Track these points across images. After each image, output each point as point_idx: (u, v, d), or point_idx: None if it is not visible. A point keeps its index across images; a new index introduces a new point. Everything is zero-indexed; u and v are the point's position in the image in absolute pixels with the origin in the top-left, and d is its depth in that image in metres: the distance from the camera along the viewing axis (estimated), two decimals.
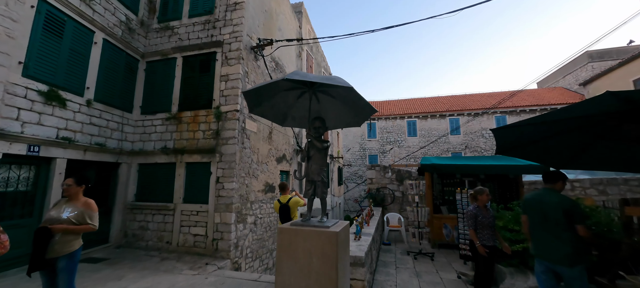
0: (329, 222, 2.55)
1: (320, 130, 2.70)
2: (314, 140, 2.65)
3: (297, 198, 4.43)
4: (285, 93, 2.90)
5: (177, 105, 6.94)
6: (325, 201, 2.68)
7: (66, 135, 5.34)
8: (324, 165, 2.66)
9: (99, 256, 5.58)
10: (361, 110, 2.82)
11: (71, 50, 5.52)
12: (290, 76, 2.20)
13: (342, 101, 2.87)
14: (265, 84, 2.53)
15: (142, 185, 6.78)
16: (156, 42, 7.57)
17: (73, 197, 2.86)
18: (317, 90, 2.78)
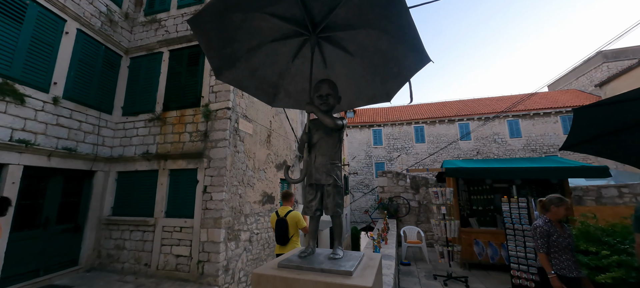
0: (347, 258, 1.48)
1: (330, 100, 1.74)
2: (320, 115, 1.68)
3: (296, 214, 3.48)
4: (273, 47, 1.94)
5: (162, 104, 6.09)
6: (340, 220, 1.67)
7: (23, 137, 4.47)
8: (336, 159, 1.69)
9: (63, 283, 4.61)
10: (400, 68, 1.84)
11: (34, 38, 4.71)
12: None
13: (365, 57, 1.92)
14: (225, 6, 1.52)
15: (120, 196, 5.85)
16: (142, 36, 6.80)
17: None
18: (325, 36, 1.82)
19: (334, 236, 1.61)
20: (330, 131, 1.70)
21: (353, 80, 2.18)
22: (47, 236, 4.77)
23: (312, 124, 1.76)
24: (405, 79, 2.00)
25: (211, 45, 1.76)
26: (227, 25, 1.67)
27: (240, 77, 2.10)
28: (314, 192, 1.63)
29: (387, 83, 2.11)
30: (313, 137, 1.71)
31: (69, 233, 5.17)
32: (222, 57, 1.89)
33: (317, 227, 1.70)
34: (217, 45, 1.79)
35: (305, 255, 1.54)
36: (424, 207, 8.20)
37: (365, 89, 2.25)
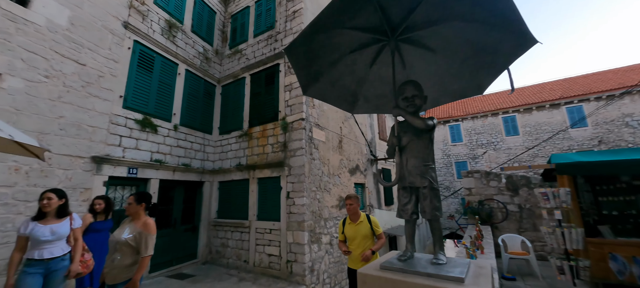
0: (452, 265, 1.40)
1: (416, 100, 1.70)
2: (409, 117, 1.65)
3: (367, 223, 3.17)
4: (351, 57, 2.02)
5: (248, 121, 7.02)
6: (438, 224, 1.59)
7: (158, 158, 5.87)
8: (429, 160, 1.62)
9: (187, 272, 5.76)
10: (495, 56, 1.67)
11: (160, 82, 6.17)
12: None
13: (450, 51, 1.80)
14: (313, 26, 1.64)
15: (222, 202, 6.98)
16: (229, 66, 8.03)
17: (134, 216, 2.65)
18: (404, 39, 1.79)
19: (434, 241, 1.54)
20: (420, 132, 1.65)
21: (436, 77, 2.06)
22: (176, 234, 6.08)
23: (400, 126, 1.75)
24: (502, 67, 1.79)
25: (300, 65, 1.96)
26: (313, 46, 1.83)
27: (323, 89, 2.26)
28: (408, 195, 1.61)
29: (477, 74, 1.93)
30: (402, 139, 1.69)
31: (189, 232, 6.46)
32: (308, 74, 2.07)
33: (414, 230, 1.66)
34: (305, 64, 1.98)
35: (405, 259, 1.52)
36: (527, 211, 6.88)
37: (451, 85, 2.10)
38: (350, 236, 3.01)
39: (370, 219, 3.03)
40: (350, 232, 3.01)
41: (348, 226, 3.06)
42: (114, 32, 5.38)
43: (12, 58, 3.93)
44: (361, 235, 2.94)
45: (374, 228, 2.99)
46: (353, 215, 3.05)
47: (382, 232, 3.03)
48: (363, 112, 2.52)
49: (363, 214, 3.06)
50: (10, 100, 3.84)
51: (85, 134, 4.65)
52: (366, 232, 2.95)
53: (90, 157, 4.63)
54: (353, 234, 2.98)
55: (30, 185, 3.90)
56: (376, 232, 3.00)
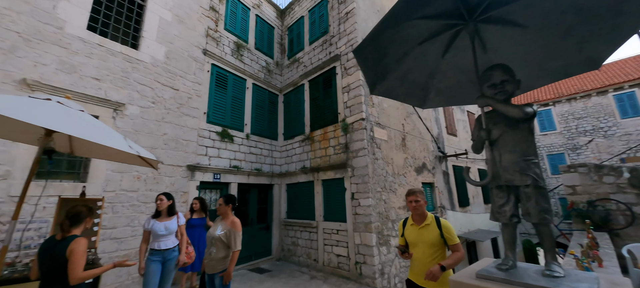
0: (574, 279, 1.16)
1: (507, 86, 1.48)
2: (500, 106, 1.45)
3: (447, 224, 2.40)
4: (421, 49, 1.88)
5: (309, 125, 7.31)
6: (548, 229, 1.33)
7: (235, 164, 6.62)
8: (530, 154, 1.38)
9: (264, 267, 6.32)
10: (617, 20, 1.34)
11: (233, 97, 6.98)
12: None
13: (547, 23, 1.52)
14: (384, 22, 1.55)
15: (290, 203, 7.43)
16: (288, 75, 8.54)
17: (224, 216, 3.03)
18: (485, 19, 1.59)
19: (545, 249, 1.30)
20: (514, 123, 1.43)
21: (529, 57, 1.77)
22: (253, 232, 6.74)
23: (488, 117, 1.55)
24: (630, 30, 1.42)
25: (368, 65, 1.94)
26: (380, 43, 1.79)
27: (391, 86, 2.18)
28: (505, 195, 1.40)
29: (589, 46, 1.58)
30: (492, 132, 1.50)
31: (264, 230, 7.08)
32: (376, 73, 2.03)
33: (515, 236, 1.44)
34: (373, 64, 1.95)
35: (506, 268, 1.33)
36: None
37: (549, 63, 1.77)
38: (411, 241, 2.35)
39: (440, 223, 2.29)
40: (411, 235, 2.35)
41: (409, 228, 2.40)
42: (197, 59, 6.33)
43: (130, 91, 5.02)
44: (425, 241, 2.25)
45: (446, 236, 2.23)
46: (418, 216, 2.36)
47: (458, 243, 2.23)
48: (435, 105, 2.33)
49: (431, 216, 2.37)
50: (131, 123, 4.90)
51: (181, 146, 5.59)
52: (433, 238, 2.23)
53: (186, 166, 5.55)
54: (415, 239, 2.31)
55: (147, 190, 4.89)
56: (449, 241, 2.23)
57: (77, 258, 1.98)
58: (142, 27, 5.48)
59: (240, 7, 7.92)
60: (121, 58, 4.98)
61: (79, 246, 2.02)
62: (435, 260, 2.18)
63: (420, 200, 2.35)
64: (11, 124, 2.56)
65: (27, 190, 2.55)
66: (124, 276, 4.38)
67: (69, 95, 3.12)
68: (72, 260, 1.96)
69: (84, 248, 2.07)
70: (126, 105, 4.86)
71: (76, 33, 4.49)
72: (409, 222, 2.45)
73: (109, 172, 4.46)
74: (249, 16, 8.16)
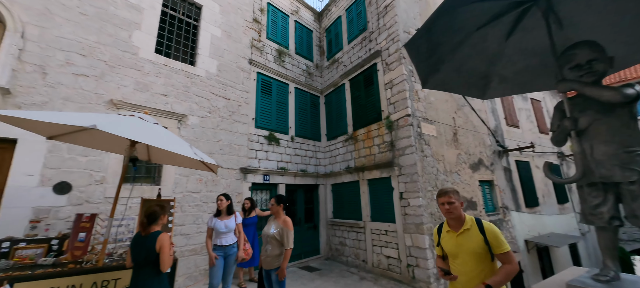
0: None
1: (596, 65, 1.25)
2: (588, 90, 1.24)
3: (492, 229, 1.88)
4: (480, 34, 1.71)
5: (351, 125, 7.25)
6: None
7: (282, 166, 6.91)
8: (635, 144, 1.15)
9: (314, 265, 6.45)
10: None
11: (277, 102, 7.30)
12: None
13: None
14: (439, 10, 1.43)
15: (336, 203, 7.46)
16: (328, 76, 8.60)
17: (276, 215, 3.19)
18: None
19: None
20: (609, 108, 1.20)
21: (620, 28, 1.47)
22: (301, 231, 6.94)
23: (573, 103, 1.34)
24: None
25: (420, 58, 1.84)
26: (433, 33, 1.68)
27: (446, 79, 2.03)
28: (602, 194, 1.19)
29: None
30: (579, 120, 1.28)
31: (311, 230, 7.24)
32: (428, 65, 1.91)
33: (616, 242, 1.21)
34: (425, 56, 1.84)
35: (607, 279, 1.12)
36: None
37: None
38: (450, 251, 1.93)
39: (483, 227, 1.84)
40: (449, 244, 1.94)
41: (446, 236, 1.98)
42: (244, 69, 6.79)
43: (191, 103, 5.61)
44: (467, 251, 1.83)
45: (492, 243, 1.77)
46: (453, 220, 1.93)
47: (508, 251, 1.74)
48: (499, 95, 2.11)
49: (470, 218, 1.92)
50: (192, 132, 5.47)
51: (234, 151, 6.04)
52: (476, 246, 1.80)
53: (239, 169, 5.98)
54: (454, 248, 1.90)
55: (208, 191, 5.41)
56: (496, 248, 1.76)
57: (167, 251, 2.34)
58: (197, 45, 6.08)
59: (280, 15, 8.25)
60: (182, 75, 5.60)
61: (166, 241, 2.36)
62: (482, 275, 1.75)
63: (454, 201, 1.89)
64: (106, 137, 3.06)
65: (119, 192, 3.03)
66: (192, 267, 4.90)
67: (147, 111, 3.61)
68: (164, 253, 2.32)
69: (169, 241, 2.43)
70: (188, 116, 5.45)
71: (147, 56, 5.19)
72: (445, 228, 2.02)
73: (177, 176, 5.05)
74: (288, 23, 8.45)
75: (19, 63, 3.90)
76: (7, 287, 2.31)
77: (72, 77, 4.30)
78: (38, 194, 3.72)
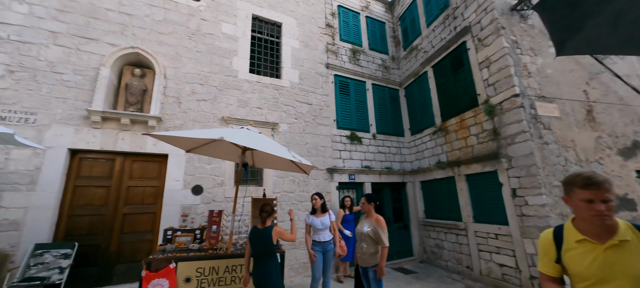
0: None
1: None
2: None
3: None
4: None
5: (439, 115, 6.56)
6: None
7: (366, 164, 6.86)
8: None
9: (408, 268, 6.11)
10: None
11: (356, 101, 7.31)
12: None
13: None
14: None
15: (428, 201, 6.88)
16: (407, 67, 8.07)
17: (368, 214, 3.20)
18: None
19: None
20: None
21: None
22: (391, 231, 6.62)
23: None
24: None
25: (555, 18, 1.48)
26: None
27: (592, 37, 1.57)
28: None
29: None
30: None
31: (401, 230, 6.89)
32: (566, 25, 1.51)
33: None
34: (561, 14, 1.47)
35: None
36: None
37: None
38: (588, 273, 1.25)
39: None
40: (586, 262, 1.27)
41: (578, 248, 1.30)
42: (322, 74, 7.09)
43: (280, 112, 6.22)
44: (626, 274, 1.18)
45: None
46: (601, 227, 1.26)
47: None
48: None
49: (626, 225, 1.27)
50: (283, 138, 6.05)
51: (320, 152, 6.36)
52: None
53: (326, 169, 6.26)
54: (599, 269, 1.23)
55: (300, 191, 5.87)
56: None
57: (284, 232, 2.86)
58: (281, 59, 6.72)
59: (351, 14, 8.26)
60: (271, 88, 6.28)
61: (280, 228, 2.82)
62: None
63: (611, 198, 1.22)
64: (225, 147, 3.71)
65: (237, 192, 3.60)
66: (293, 260, 5.40)
67: (251, 123, 4.18)
68: (285, 235, 2.84)
69: (282, 229, 2.86)
70: (279, 123, 6.07)
71: (244, 77, 6.05)
72: (573, 235, 1.33)
73: (274, 177, 5.68)
74: (359, 20, 8.37)
75: (164, 97, 5.17)
76: (174, 263, 3.06)
77: (196, 103, 5.42)
78: (183, 195, 4.84)
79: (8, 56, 4.25)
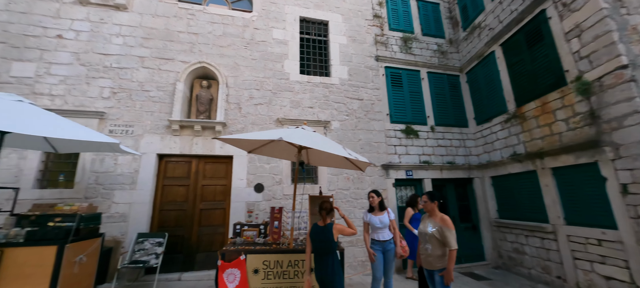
0: None
1: None
2: None
3: None
4: None
5: (513, 100, 5.69)
6: None
7: (425, 159, 6.39)
8: None
9: (479, 273, 5.49)
10: None
11: (410, 92, 6.86)
12: None
13: None
14: None
15: (501, 199, 6.05)
16: (468, 49, 7.22)
17: (431, 213, 2.97)
18: None
19: None
20: None
21: None
22: (458, 232, 6.01)
23: None
24: None
25: None
26: None
27: None
28: None
29: None
30: None
31: (469, 231, 6.23)
32: None
33: None
34: None
35: None
36: None
37: None
38: None
39: None
40: None
41: None
42: (371, 67, 6.85)
43: (331, 110, 6.23)
44: None
45: None
46: None
47: None
48: None
49: None
50: (336, 136, 6.05)
51: (374, 148, 6.17)
52: None
53: (380, 166, 6.05)
54: None
55: (355, 189, 5.80)
56: None
57: (344, 228, 2.88)
58: (329, 57, 6.72)
59: (399, 0, 7.77)
60: (321, 86, 6.34)
61: (339, 224, 2.84)
62: None
63: None
64: (282, 147, 3.87)
65: (296, 190, 3.72)
66: (351, 258, 5.37)
67: (305, 122, 4.28)
68: (345, 230, 2.86)
69: (342, 226, 2.87)
70: (330, 121, 6.09)
71: (295, 79, 6.24)
72: None
73: (328, 175, 5.73)
74: (410, 5, 7.80)
75: (227, 104, 5.68)
76: (243, 255, 3.33)
77: (254, 107, 5.81)
78: (247, 193, 5.26)
79: (111, 81, 5.23)
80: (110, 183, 4.80)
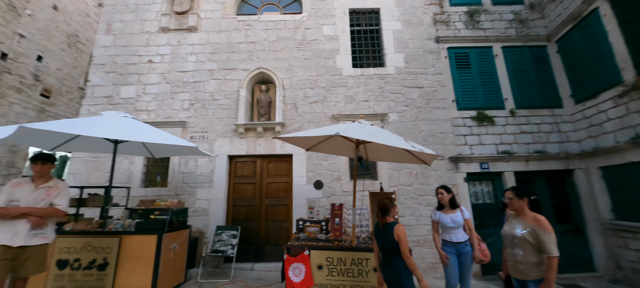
0: None
1: None
2: None
3: None
4: None
5: (631, 67, 4.39)
6: None
7: (504, 149, 5.48)
8: None
9: (586, 285, 4.43)
10: None
11: (480, 73, 5.98)
12: None
13: None
14: None
15: (617, 196, 4.76)
16: (557, 11, 5.90)
17: (519, 212, 2.45)
18: None
19: None
20: None
21: None
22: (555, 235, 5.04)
23: None
24: None
25: None
26: None
27: None
28: None
29: None
30: None
31: (570, 234, 5.08)
32: None
33: None
34: None
35: None
36: None
37: None
38: None
39: None
40: None
41: None
42: (431, 51, 6.21)
43: (388, 102, 5.89)
44: None
45: None
46: None
47: None
48: None
49: None
50: (394, 128, 5.69)
51: (438, 140, 5.59)
52: None
53: (448, 158, 5.44)
54: None
55: (419, 184, 5.36)
56: None
57: (404, 241, 2.46)
58: (383, 46, 6.36)
59: None
60: (376, 78, 6.05)
61: (401, 232, 2.49)
62: None
63: None
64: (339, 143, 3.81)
65: (356, 187, 3.61)
66: (418, 259, 4.98)
67: (362, 116, 4.13)
68: (402, 243, 2.45)
69: (405, 232, 2.53)
70: (388, 114, 5.76)
71: (348, 73, 6.11)
72: None
73: (389, 171, 5.44)
74: None
75: (284, 105, 5.93)
76: (307, 251, 3.40)
77: (309, 106, 5.91)
78: (307, 189, 5.40)
79: (189, 94, 6.02)
80: (193, 182, 5.54)
